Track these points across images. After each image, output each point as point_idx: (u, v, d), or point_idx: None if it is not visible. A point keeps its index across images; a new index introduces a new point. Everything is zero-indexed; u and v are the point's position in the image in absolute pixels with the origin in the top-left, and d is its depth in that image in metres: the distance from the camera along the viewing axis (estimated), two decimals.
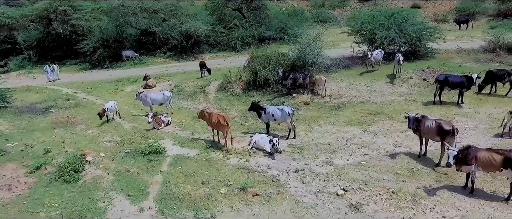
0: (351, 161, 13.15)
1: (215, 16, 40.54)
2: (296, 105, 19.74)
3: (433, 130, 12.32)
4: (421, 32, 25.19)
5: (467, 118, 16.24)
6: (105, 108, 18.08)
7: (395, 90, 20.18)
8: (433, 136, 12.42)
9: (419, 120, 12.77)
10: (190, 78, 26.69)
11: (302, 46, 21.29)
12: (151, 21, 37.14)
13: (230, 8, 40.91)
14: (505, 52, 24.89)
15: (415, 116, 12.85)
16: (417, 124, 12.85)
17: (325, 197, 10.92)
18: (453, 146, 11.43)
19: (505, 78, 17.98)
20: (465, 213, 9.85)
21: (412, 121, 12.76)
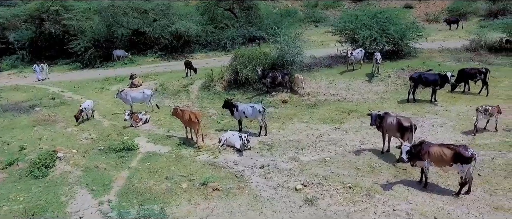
0: (316, 157, 13.40)
1: (207, 16, 40.74)
2: (274, 103, 20.02)
3: (394, 126, 12.59)
4: (404, 32, 25.36)
5: (437, 116, 16.49)
6: (81, 108, 18.29)
7: (372, 88, 20.43)
8: (394, 133, 12.69)
9: (382, 117, 13.04)
10: (176, 77, 27.00)
11: (281, 46, 21.49)
12: (142, 21, 37.36)
13: (222, 8, 41.15)
14: (486, 51, 25.08)
15: (377, 113, 13.10)
16: (380, 121, 13.11)
17: (284, 191, 11.18)
18: (412, 142, 11.68)
19: (476, 76, 18.23)
20: (415, 206, 10.10)
21: (374, 118, 13.05)
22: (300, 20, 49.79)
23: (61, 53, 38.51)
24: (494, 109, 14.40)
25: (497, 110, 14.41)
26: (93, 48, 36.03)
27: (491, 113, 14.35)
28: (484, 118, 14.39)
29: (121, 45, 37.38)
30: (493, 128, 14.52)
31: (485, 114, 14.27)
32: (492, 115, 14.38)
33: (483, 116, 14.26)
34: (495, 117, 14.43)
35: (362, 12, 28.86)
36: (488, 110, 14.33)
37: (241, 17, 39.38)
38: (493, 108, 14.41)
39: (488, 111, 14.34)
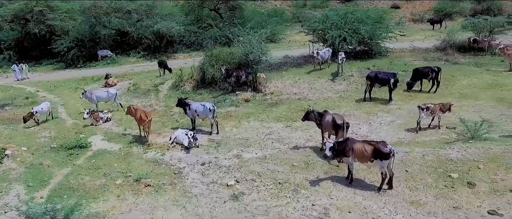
0: (259, 154, 13.69)
1: (192, 16, 41.02)
2: (236, 102, 20.34)
3: (329, 124, 12.89)
4: (374, 32, 25.60)
5: (388, 114, 16.75)
6: (33, 111, 18.44)
7: (334, 87, 20.70)
8: (330, 130, 12.99)
9: (321, 114, 13.33)
10: (151, 77, 27.36)
11: (245, 45, 21.79)
12: (125, 22, 37.69)
13: (208, 9, 41.46)
14: (455, 51, 25.30)
15: (311, 110, 13.49)
16: (320, 118, 13.40)
17: (215, 187, 11.48)
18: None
19: (429, 75, 18.51)
20: (335, 201, 10.38)
21: (308, 115, 13.38)
22: (287, 20, 50.06)
23: (46, 53, 38.83)
24: (436, 107, 14.66)
25: (439, 108, 14.65)
26: (76, 48, 36.32)
27: (433, 111, 14.60)
28: (426, 116, 14.61)
29: (106, 45, 37.67)
30: (437, 126, 14.72)
31: (426, 111, 14.51)
32: (434, 113, 14.62)
33: (425, 114, 14.50)
34: (438, 115, 14.66)
35: (334, 12, 28.98)
36: (430, 108, 14.59)
37: (225, 17, 39.61)
38: (435, 106, 14.67)
39: (430, 109, 14.60)
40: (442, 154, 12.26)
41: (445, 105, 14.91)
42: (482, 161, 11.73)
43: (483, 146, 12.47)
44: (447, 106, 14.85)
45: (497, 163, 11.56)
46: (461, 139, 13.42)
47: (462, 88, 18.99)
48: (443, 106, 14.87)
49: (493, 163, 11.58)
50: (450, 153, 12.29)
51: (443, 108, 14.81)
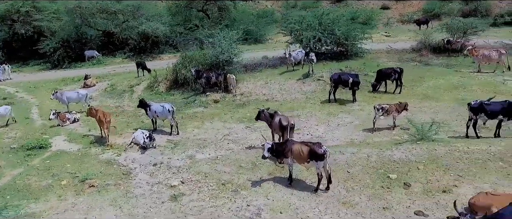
0: (211, 155, 13.86)
1: (180, 17, 41.17)
2: (205, 103, 20.53)
3: (277, 125, 13.05)
4: (349, 33, 25.71)
5: (349, 115, 16.92)
6: None
7: (302, 88, 20.85)
8: (278, 131, 13.15)
9: (272, 115, 13.52)
10: (131, 77, 27.49)
11: (215, 47, 21.96)
12: (110, 22, 37.90)
13: (195, 9, 41.66)
14: (429, 52, 25.40)
15: (262, 109, 13.66)
16: (270, 119, 13.57)
17: (159, 188, 11.65)
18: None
19: (392, 76, 18.65)
20: (271, 202, 10.54)
21: (259, 115, 13.58)
22: (276, 21, 50.19)
23: (33, 54, 39.01)
24: (392, 107, 14.82)
25: (395, 108, 14.79)
26: (62, 49, 36.51)
27: (389, 111, 14.76)
28: (383, 116, 14.76)
29: (93, 46, 37.86)
30: (392, 126, 14.91)
31: (382, 112, 14.65)
32: (390, 113, 14.77)
33: (381, 114, 14.65)
34: (393, 115, 14.80)
35: (312, 13, 29.09)
36: (385, 108, 14.75)
37: (212, 17, 39.78)
38: (390, 106, 14.82)
39: (385, 109, 14.75)
40: (387, 155, 12.36)
41: (401, 105, 15.05)
42: (423, 162, 11.86)
43: (428, 147, 12.59)
44: (402, 106, 14.97)
45: (437, 164, 11.68)
46: (410, 140, 13.53)
47: (427, 89, 19.12)
48: (398, 106, 15.03)
49: (433, 164, 11.70)
50: (395, 154, 12.41)
51: (399, 108, 14.97)
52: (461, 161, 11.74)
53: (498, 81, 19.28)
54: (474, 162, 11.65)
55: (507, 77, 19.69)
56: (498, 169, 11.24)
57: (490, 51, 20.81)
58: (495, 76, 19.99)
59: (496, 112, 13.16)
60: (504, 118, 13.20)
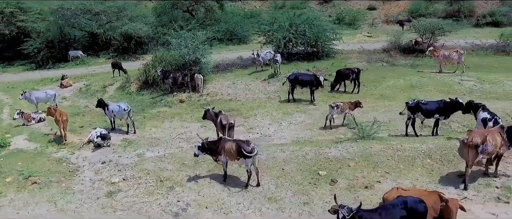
0: (160, 153, 14.28)
1: (166, 17, 41.54)
2: (170, 103, 20.93)
3: (219, 124, 13.47)
4: (320, 34, 26.10)
5: (303, 114, 17.31)
6: None
7: (266, 88, 21.25)
8: (220, 129, 13.58)
9: (217, 114, 13.96)
10: (107, 78, 27.90)
11: (180, 47, 22.41)
12: (94, 23, 38.35)
13: (181, 10, 42.08)
14: (398, 52, 25.80)
15: (207, 109, 14.11)
16: (216, 118, 14.02)
17: (99, 185, 12.09)
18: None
19: (350, 76, 19.05)
20: (201, 197, 10.98)
21: (205, 114, 14.06)
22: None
23: (19, 54, 39.42)
24: (345, 105, 15.28)
25: (348, 106, 15.24)
26: (46, 49, 36.95)
27: (342, 108, 15.20)
28: (336, 114, 15.19)
29: (79, 46, 38.29)
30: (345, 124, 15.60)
31: (336, 109, 15.10)
32: (343, 111, 15.22)
33: (335, 112, 15.09)
34: (346, 113, 15.25)
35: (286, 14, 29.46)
36: (339, 106, 15.19)
37: (198, 18, 40.16)
38: (344, 104, 15.27)
39: (339, 107, 15.19)
40: (323, 153, 12.75)
41: (353, 103, 15.50)
42: (356, 159, 12.25)
43: (364, 145, 12.97)
44: (355, 104, 15.44)
45: (368, 161, 12.08)
46: (352, 139, 13.91)
47: (385, 89, 19.50)
48: (351, 104, 15.47)
49: (364, 161, 12.10)
50: (331, 152, 12.80)
51: (352, 106, 15.41)
52: (391, 159, 12.13)
53: (455, 81, 19.64)
54: (403, 159, 12.05)
55: (465, 78, 20.03)
56: (424, 166, 11.64)
57: (450, 52, 21.17)
58: (454, 77, 20.35)
59: (432, 111, 13.56)
60: (441, 117, 13.57)
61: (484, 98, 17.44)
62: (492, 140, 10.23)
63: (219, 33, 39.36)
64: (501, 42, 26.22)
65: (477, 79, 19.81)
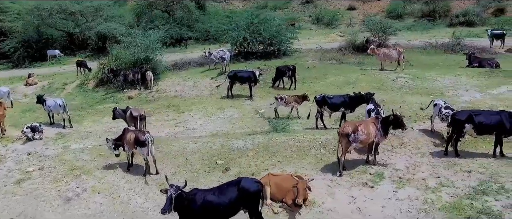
0: (85, 145, 15.05)
1: (144, 18, 42.19)
2: (119, 99, 21.69)
3: (129, 117, 14.26)
4: (276, 34, 26.80)
5: (235, 109, 18.05)
6: None
7: (212, 85, 21.97)
8: (131, 122, 14.35)
9: (125, 110, 14.74)
10: (72, 76, 28.70)
11: (130, 45, 23.20)
12: (70, 23, 39.22)
13: (160, 10, 42.82)
14: (350, 51, 26.49)
15: (115, 108, 14.88)
16: (124, 114, 14.86)
17: (13, 174, 12.88)
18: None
19: (286, 73, 19.77)
20: (99, 184, 11.76)
21: (114, 113, 14.88)
22: None
23: None
24: (291, 97, 16.21)
25: (293, 99, 16.12)
26: (22, 49, 37.83)
27: (287, 101, 16.02)
28: (281, 105, 16.10)
29: (58, 46, 39.12)
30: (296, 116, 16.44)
31: (281, 101, 15.87)
32: (289, 104, 16.03)
33: (280, 104, 15.99)
34: (293, 106, 16.06)
35: (244, 14, 30.18)
36: (284, 98, 16.00)
37: (175, 18, 40.87)
38: (289, 97, 16.18)
39: (284, 99, 15.99)
40: (229, 144, 13.48)
41: (300, 97, 16.33)
42: (256, 149, 12.99)
43: (271, 137, 13.70)
44: (302, 97, 16.26)
45: (268, 151, 12.82)
46: (266, 131, 14.63)
47: (322, 86, 20.17)
48: (298, 97, 16.32)
49: (264, 151, 12.84)
50: (238, 143, 13.52)
51: (299, 99, 16.24)
52: (289, 149, 12.85)
53: (390, 78, 20.28)
54: (300, 149, 12.78)
55: (401, 75, 20.67)
56: (316, 156, 12.37)
57: (390, 50, 21.82)
58: (391, 74, 21.00)
59: (338, 105, 14.28)
60: (346, 110, 14.27)
61: (410, 94, 18.17)
62: (364, 129, 10.91)
63: (195, 33, 40.04)
64: (452, 41, 26.77)
65: (413, 76, 20.41)
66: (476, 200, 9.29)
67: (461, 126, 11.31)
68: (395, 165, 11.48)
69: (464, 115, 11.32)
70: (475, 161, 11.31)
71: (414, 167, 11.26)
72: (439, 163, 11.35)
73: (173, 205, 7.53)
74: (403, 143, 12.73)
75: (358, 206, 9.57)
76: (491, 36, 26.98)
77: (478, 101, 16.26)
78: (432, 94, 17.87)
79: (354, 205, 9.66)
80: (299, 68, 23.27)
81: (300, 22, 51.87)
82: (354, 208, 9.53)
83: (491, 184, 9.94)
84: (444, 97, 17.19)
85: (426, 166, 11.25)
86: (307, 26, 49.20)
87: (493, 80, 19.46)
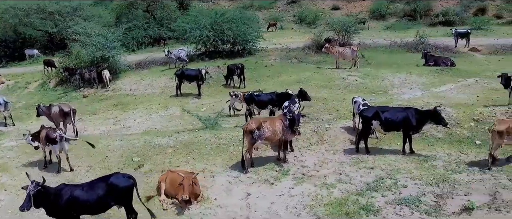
0: (18, 143, 15.03)
1: (125, 18, 42.21)
2: (73, 98, 21.73)
3: (57, 114, 14.27)
4: (241, 33, 26.77)
5: (177, 107, 18.04)
6: None
7: (167, 84, 21.98)
8: (59, 119, 14.36)
9: (49, 107, 14.81)
10: (40, 76, 28.75)
11: (85, 45, 23.27)
12: (48, 22, 39.31)
13: (141, 10, 42.89)
14: (313, 50, 26.44)
15: (38, 105, 14.90)
16: (48, 111, 14.88)
17: None
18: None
19: (235, 71, 19.76)
20: (11, 181, 11.76)
21: (37, 111, 14.90)
22: None
23: None
24: (244, 94, 16.07)
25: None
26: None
27: (241, 98, 15.99)
28: (236, 102, 16.22)
29: (38, 45, 39.23)
30: None
31: (235, 98, 15.90)
32: (242, 100, 16.05)
33: (235, 100, 16.10)
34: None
35: (207, 14, 30.12)
36: (238, 95, 16.04)
37: (156, 17, 40.95)
38: (243, 94, 16.09)
39: (238, 96, 16.03)
40: (153, 142, 13.46)
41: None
42: (177, 146, 12.96)
43: (196, 135, 13.68)
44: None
45: (187, 148, 12.81)
46: (196, 129, 14.60)
47: (272, 84, 20.11)
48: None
49: (184, 148, 12.83)
50: (161, 140, 13.49)
51: None
52: (209, 146, 12.84)
53: (341, 76, 20.23)
54: (219, 146, 12.76)
55: (353, 73, 20.62)
56: (231, 153, 12.36)
57: (344, 49, 21.78)
58: (343, 72, 20.94)
59: (265, 102, 14.25)
60: (274, 108, 14.22)
61: (354, 92, 18.07)
62: (270, 126, 10.86)
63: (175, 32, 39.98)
64: (416, 40, 26.69)
65: (364, 74, 20.36)
66: (363, 196, 9.22)
67: (369, 123, 11.24)
68: (305, 162, 11.42)
69: (371, 112, 11.27)
70: (383, 158, 11.23)
71: (321, 164, 11.19)
72: (347, 160, 11.27)
73: (32, 202, 7.49)
74: (322, 140, 12.65)
75: (248, 203, 9.51)
76: (456, 35, 26.81)
77: (417, 99, 16.18)
78: (376, 92, 17.84)
79: (245, 201, 9.58)
80: (257, 67, 23.34)
81: (284, 22, 51.86)
82: (244, 204, 9.47)
83: (387, 180, 9.86)
84: (387, 95, 17.23)
85: (333, 163, 11.19)
86: (290, 26, 49.18)
87: (442, 78, 19.37)
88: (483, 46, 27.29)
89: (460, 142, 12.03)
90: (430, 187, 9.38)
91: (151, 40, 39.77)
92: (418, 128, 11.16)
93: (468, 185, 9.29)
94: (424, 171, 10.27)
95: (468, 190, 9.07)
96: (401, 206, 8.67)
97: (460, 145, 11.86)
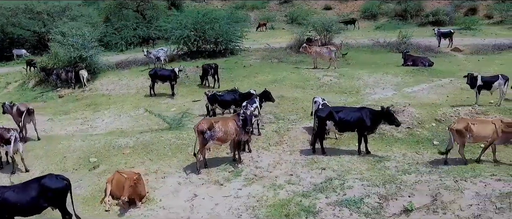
0: None
1: (115, 18, 42.11)
2: (49, 98, 21.65)
3: (15, 113, 14.17)
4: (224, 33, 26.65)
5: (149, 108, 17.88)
6: None
7: (144, 84, 21.82)
8: (18, 118, 14.27)
9: (12, 106, 14.67)
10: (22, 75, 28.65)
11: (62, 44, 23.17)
12: (36, 22, 39.24)
13: (131, 10, 42.81)
14: (294, 50, 26.31)
15: (3, 104, 14.78)
16: (11, 109, 14.79)
17: None
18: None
19: (209, 71, 19.64)
20: None
21: (3, 108, 14.79)
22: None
23: None
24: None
25: None
26: None
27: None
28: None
29: (28, 45, 39.16)
30: None
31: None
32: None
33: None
34: None
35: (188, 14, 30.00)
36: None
37: (146, 17, 40.86)
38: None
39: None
40: (113, 142, 13.35)
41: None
42: (136, 147, 12.86)
43: (158, 135, 13.59)
44: None
45: (146, 149, 12.74)
46: (161, 130, 14.48)
47: (247, 84, 19.84)
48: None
49: (142, 149, 12.78)
50: (123, 141, 13.38)
51: None
52: (168, 147, 12.75)
53: (316, 76, 20.09)
54: (178, 147, 12.69)
55: (328, 73, 20.48)
56: (189, 153, 12.19)
57: (321, 48, 21.65)
58: (319, 72, 20.80)
59: (228, 102, 14.14)
60: (237, 108, 14.10)
61: (326, 92, 17.96)
62: (222, 126, 10.74)
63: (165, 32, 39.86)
64: (398, 40, 26.56)
65: (339, 75, 20.23)
66: (308, 198, 9.09)
67: (323, 123, 11.10)
68: (260, 162, 11.31)
69: (325, 112, 11.13)
70: (338, 158, 11.11)
71: (275, 164, 11.07)
72: (302, 160, 11.16)
73: None
74: (281, 141, 12.54)
75: (192, 204, 9.39)
76: (438, 35, 26.67)
77: (386, 99, 16.05)
78: (347, 92, 17.72)
79: (190, 203, 9.46)
80: (235, 67, 23.22)
81: (275, 22, 51.77)
82: (188, 206, 9.34)
83: (335, 181, 9.75)
84: (358, 95, 17.07)
85: (287, 164, 11.07)
86: (281, 26, 49.07)
87: (417, 78, 19.25)
88: (467, 46, 27.15)
89: (418, 143, 11.90)
90: (376, 188, 9.24)
91: (140, 40, 39.59)
92: (373, 129, 11.04)
93: (413, 186, 9.15)
94: (375, 172, 10.13)
95: (412, 191, 8.93)
96: (341, 207, 8.54)
97: (418, 146, 11.72)
